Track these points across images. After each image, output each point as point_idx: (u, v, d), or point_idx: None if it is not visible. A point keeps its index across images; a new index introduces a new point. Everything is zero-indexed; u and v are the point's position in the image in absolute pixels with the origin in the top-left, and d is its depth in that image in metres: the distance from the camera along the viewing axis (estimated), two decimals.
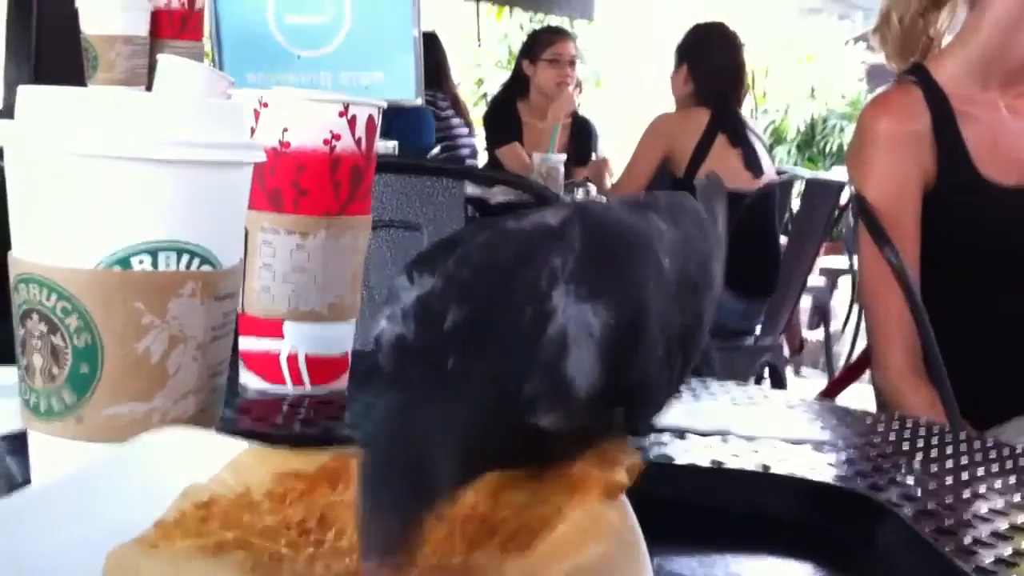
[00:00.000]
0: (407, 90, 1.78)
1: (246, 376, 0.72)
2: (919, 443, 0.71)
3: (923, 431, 0.75)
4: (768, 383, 2.99)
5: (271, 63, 1.69)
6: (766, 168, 2.97)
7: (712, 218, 0.52)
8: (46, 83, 0.47)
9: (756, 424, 0.70)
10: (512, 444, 0.38)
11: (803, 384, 4.37)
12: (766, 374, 3.00)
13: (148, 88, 1.23)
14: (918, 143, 1.34)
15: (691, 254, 0.46)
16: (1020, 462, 0.68)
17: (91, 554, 0.36)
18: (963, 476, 0.64)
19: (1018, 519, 0.56)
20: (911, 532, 0.47)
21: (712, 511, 0.50)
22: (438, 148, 3.42)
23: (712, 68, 2.99)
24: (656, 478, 0.43)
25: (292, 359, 0.71)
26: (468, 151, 3.78)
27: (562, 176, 2.94)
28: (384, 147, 1.71)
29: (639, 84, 8.76)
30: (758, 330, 2.95)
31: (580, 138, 3.68)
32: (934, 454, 0.68)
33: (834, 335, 4.17)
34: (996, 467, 0.67)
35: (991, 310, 1.36)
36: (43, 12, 1.47)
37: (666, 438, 0.66)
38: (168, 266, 0.46)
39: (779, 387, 2.98)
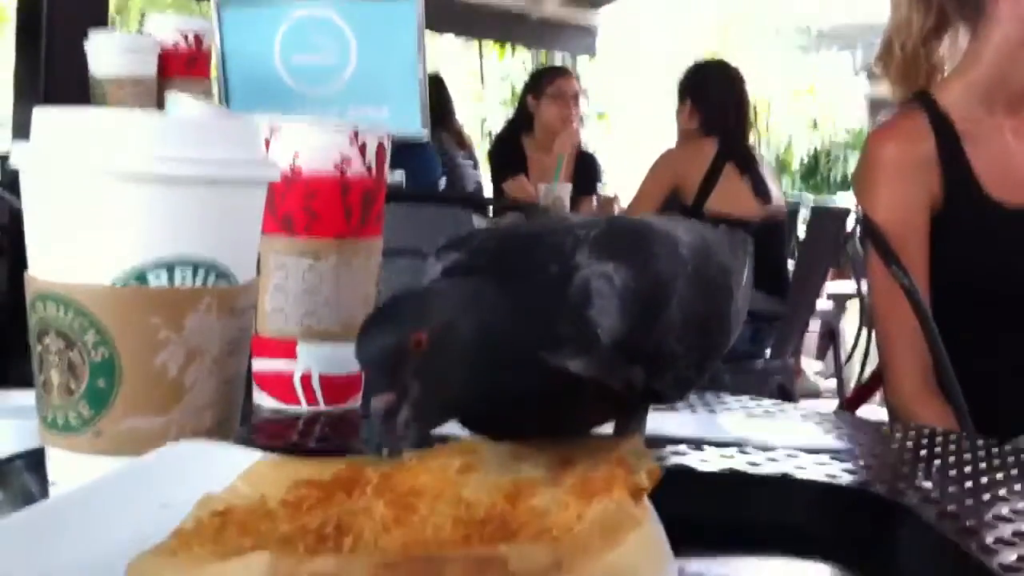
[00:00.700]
0: (413, 125, 1.79)
1: (260, 397, 0.72)
2: (936, 449, 0.71)
3: (940, 439, 0.75)
4: None
5: (278, 101, 1.70)
6: (775, 195, 2.98)
7: (734, 253, 0.53)
8: None
9: (773, 434, 0.70)
10: (542, 387, 0.40)
11: (809, 406, 4.33)
12: (776, 396, 3.00)
13: None
14: (925, 167, 1.34)
15: (711, 257, 0.47)
16: None
17: (110, 564, 0.36)
18: (982, 480, 0.63)
19: None
20: (933, 532, 0.47)
21: (732, 515, 0.50)
22: (444, 183, 3.44)
23: (716, 104, 3.01)
24: (676, 483, 0.43)
25: (306, 379, 0.71)
26: (474, 186, 3.79)
27: (568, 206, 2.95)
28: (392, 178, 1.72)
29: (642, 118, 8.82)
30: (767, 353, 2.95)
31: (584, 173, 3.70)
32: (952, 460, 0.68)
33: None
34: (1016, 471, 0.66)
35: (1002, 331, 1.35)
36: (51, 54, 1.49)
37: (683, 448, 0.66)
38: (184, 282, 0.46)
39: None
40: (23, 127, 0.47)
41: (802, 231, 3.54)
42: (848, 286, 4.38)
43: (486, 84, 9.05)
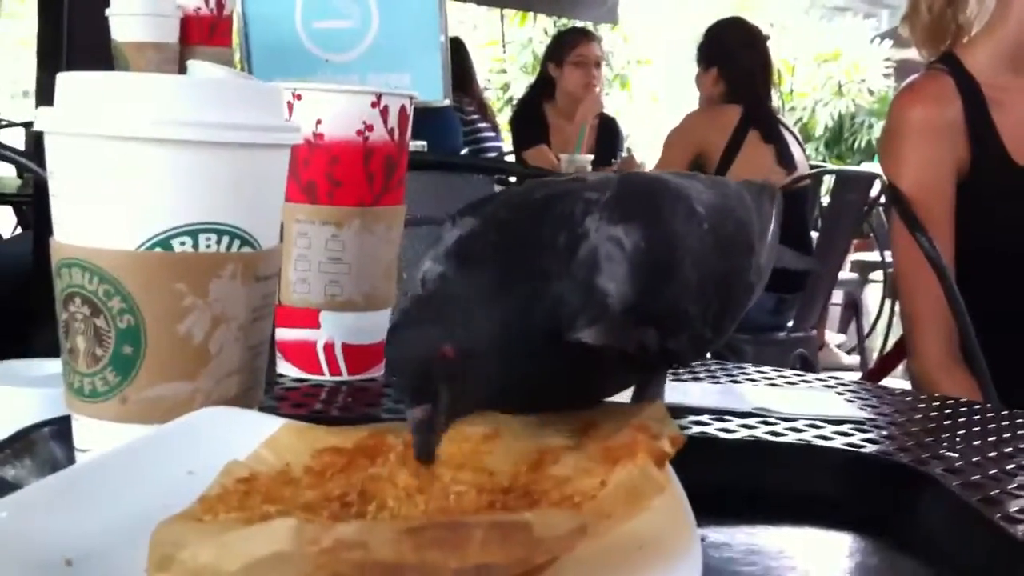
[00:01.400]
0: (435, 91, 1.78)
1: (283, 366, 0.73)
2: (960, 419, 0.71)
3: (964, 408, 0.74)
4: None
5: (299, 67, 1.70)
6: (799, 163, 2.95)
7: (759, 207, 0.53)
8: None
9: (795, 404, 0.70)
10: (566, 365, 0.40)
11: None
12: (798, 367, 2.98)
13: None
14: (951, 131, 1.33)
15: (729, 213, 0.47)
16: None
17: (136, 529, 0.36)
18: (1006, 450, 0.63)
19: None
20: (958, 500, 0.47)
21: (754, 484, 0.50)
22: (465, 151, 3.43)
23: (742, 68, 2.97)
24: (698, 453, 0.43)
25: (329, 348, 0.71)
26: (495, 154, 3.78)
27: None
28: (414, 147, 1.71)
29: (664, 85, 8.75)
30: (789, 325, 2.93)
31: (606, 138, 3.68)
32: (975, 429, 0.68)
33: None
34: None
35: None
36: (74, 21, 1.49)
37: (706, 419, 0.66)
38: (209, 247, 0.46)
39: None
40: (47, 94, 0.47)
41: (826, 201, 3.50)
42: (872, 256, 4.36)
43: (508, 52, 8.99)
